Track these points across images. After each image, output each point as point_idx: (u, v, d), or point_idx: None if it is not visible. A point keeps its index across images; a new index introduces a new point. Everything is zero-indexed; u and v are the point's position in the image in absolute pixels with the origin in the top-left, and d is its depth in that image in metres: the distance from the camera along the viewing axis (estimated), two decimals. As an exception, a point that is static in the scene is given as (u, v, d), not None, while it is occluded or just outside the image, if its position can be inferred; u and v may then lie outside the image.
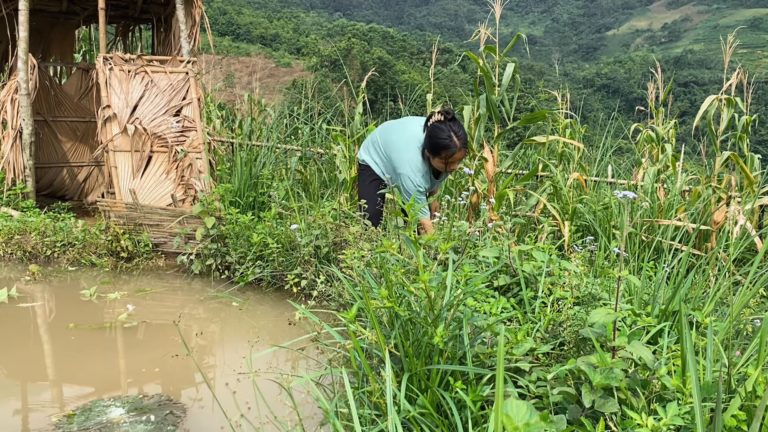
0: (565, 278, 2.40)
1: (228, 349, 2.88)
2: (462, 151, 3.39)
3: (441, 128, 3.35)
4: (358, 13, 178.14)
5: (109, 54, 4.84)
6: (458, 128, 3.38)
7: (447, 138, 3.33)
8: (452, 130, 3.34)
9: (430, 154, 3.42)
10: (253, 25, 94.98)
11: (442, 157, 3.39)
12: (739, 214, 3.75)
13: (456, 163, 3.48)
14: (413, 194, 3.49)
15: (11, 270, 3.92)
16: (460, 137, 3.37)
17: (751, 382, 1.41)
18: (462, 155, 3.42)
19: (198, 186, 4.42)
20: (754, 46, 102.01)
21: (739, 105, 4.39)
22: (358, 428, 1.39)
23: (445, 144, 3.34)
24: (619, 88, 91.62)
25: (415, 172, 3.48)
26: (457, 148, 3.36)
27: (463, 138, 3.40)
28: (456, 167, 3.54)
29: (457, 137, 3.35)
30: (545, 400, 1.59)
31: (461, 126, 3.43)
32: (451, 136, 3.33)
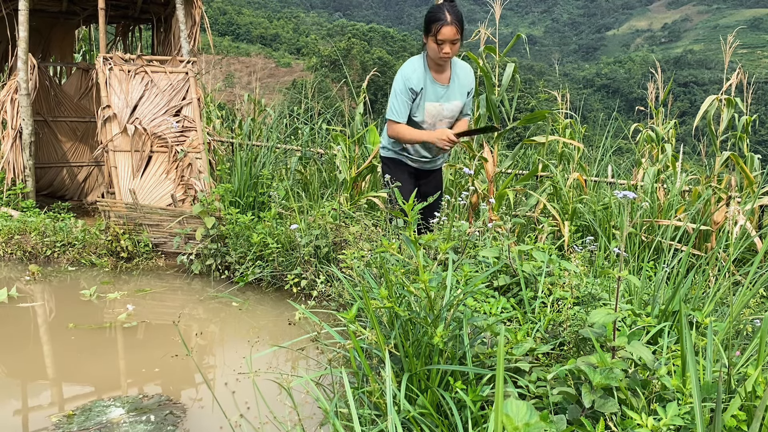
0: (565, 278, 2.40)
1: (228, 349, 2.88)
2: (452, 27, 3.28)
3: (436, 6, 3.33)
4: (358, 13, 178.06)
5: (109, 54, 4.84)
6: (451, 7, 3.32)
7: (438, 11, 3.29)
8: (446, 7, 3.30)
9: (425, 36, 3.40)
10: (253, 25, 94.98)
11: (432, 32, 3.31)
12: (739, 214, 3.75)
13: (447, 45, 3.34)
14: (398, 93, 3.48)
15: (11, 270, 3.92)
16: (452, 13, 3.30)
17: (751, 382, 1.41)
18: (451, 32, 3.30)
19: (198, 186, 4.42)
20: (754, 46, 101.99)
21: (739, 105, 4.39)
22: (358, 428, 1.39)
23: (435, 17, 3.29)
24: (619, 88, 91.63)
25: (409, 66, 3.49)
26: (446, 21, 3.27)
27: (456, 15, 3.32)
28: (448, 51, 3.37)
29: (449, 13, 3.29)
30: (545, 400, 1.59)
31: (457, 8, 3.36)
32: (442, 9, 3.28)
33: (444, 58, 3.43)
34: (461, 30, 3.37)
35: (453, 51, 3.41)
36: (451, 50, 3.40)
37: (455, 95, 3.61)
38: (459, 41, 3.39)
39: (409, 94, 3.51)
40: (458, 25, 3.32)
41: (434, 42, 3.35)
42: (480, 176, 4.62)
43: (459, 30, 3.34)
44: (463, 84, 3.62)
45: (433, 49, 3.40)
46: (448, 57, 3.42)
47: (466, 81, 3.63)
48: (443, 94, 3.58)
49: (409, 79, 3.50)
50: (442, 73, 3.57)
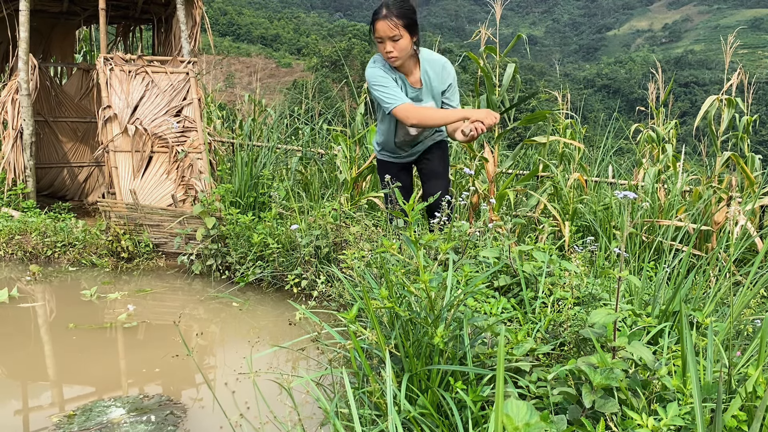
0: (566, 278, 2.40)
1: (228, 349, 2.88)
2: (386, 21, 2.88)
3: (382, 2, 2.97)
4: (358, 13, 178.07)
5: (109, 54, 4.85)
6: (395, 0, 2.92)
7: (378, 6, 2.93)
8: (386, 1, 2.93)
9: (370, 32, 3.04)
10: (254, 26, 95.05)
11: (371, 30, 2.97)
12: (739, 214, 3.75)
13: (386, 42, 2.94)
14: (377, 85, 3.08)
15: (12, 270, 3.92)
16: (390, 6, 2.90)
17: (751, 382, 1.40)
18: (386, 27, 2.90)
19: (198, 186, 4.42)
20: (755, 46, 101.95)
21: (740, 105, 4.39)
22: (359, 428, 1.39)
23: (374, 11, 2.94)
24: (620, 88, 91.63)
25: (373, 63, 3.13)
26: (379, 14, 2.90)
27: (396, 9, 2.89)
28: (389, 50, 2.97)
29: (387, 6, 2.90)
30: (545, 400, 1.59)
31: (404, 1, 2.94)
32: (382, 5, 2.91)
33: (390, 59, 3.02)
34: (405, 24, 2.93)
35: (397, 50, 2.98)
36: (395, 49, 2.97)
37: (428, 98, 3.24)
38: (403, 37, 2.96)
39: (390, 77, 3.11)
40: (396, 18, 2.89)
41: (377, 41, 2.98)
42: (480, 176, 4.62)
43: (400, 24, 2.90)
44: (435, 85, 3.21)
45: (379, 48, 3.03)
46: (393, 58, 3.02)
47: (438, 80, 3.20)
48: (414, 95, 3.22)
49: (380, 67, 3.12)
50: (409, 75, 3.20)
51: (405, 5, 2.97)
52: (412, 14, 3.00)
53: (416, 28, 3.05)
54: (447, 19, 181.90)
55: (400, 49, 3.00)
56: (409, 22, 2.98)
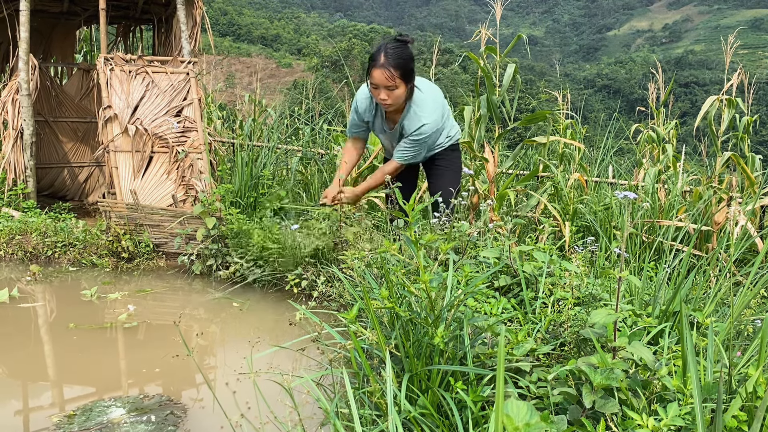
0: (566, 279, 2.40)
1: (229, 349, 2.88)
2: (383, 71, 2.85)
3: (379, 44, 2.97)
4: (358, 13, 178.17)
5: (110, 54, 4.85)
6: (394, 48, 2.87)
7: (376, 51, 2.91)
8: (387, 46, 2.89)
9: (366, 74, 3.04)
10: (254, 26, 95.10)
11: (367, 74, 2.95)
12: (740, 214, 3.75)
13: (381, 90, 2.94)
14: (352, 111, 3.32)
15: (12, 270, 3.92)
16: (389, 55, 2.86)
17: (751, 382, 1.40)
18: (382, 77, 2.88)
19: (199, 186, 4.43)
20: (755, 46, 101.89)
21: (740, 105, 4.39)
22: (359, 428, 1.39)
23: (371, 56, 2.91)
24: (620, 88, 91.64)
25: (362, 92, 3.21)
26: (377, 63, 2.86)
27: (393, 59, 2.85)
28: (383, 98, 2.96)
29: (386, 54, 2.86)
30: (546, 400, 1.59)
31: (401, 50, 2.89)
32: (380, 50, 2.89)
33: (383, 106, 3.02)
34: (402, 74, 2.89)
35: (392, 98, 2.97)
36: (389, 97, 2.96)
37: (396, 139, 3.34)
38: (399, 87, 2.93)
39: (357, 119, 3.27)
40: (393, 69, 2.86)
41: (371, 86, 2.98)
42: (481, 177, 4.62)
43: (396, 75, 2.87)
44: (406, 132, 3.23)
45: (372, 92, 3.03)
46: (386, 105, 3.00)
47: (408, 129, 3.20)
48: (389, 133, 3.30)
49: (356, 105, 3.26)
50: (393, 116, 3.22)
51: (404, 53, 2.92)
52: (410, 62, 2.95)
53: (412, 76, 3.00)
54: (447, 19, 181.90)
55: (395, 98, 3.00)
56: (406, 72, 2.94)
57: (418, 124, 3.15)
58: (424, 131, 3.16)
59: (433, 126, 3.18)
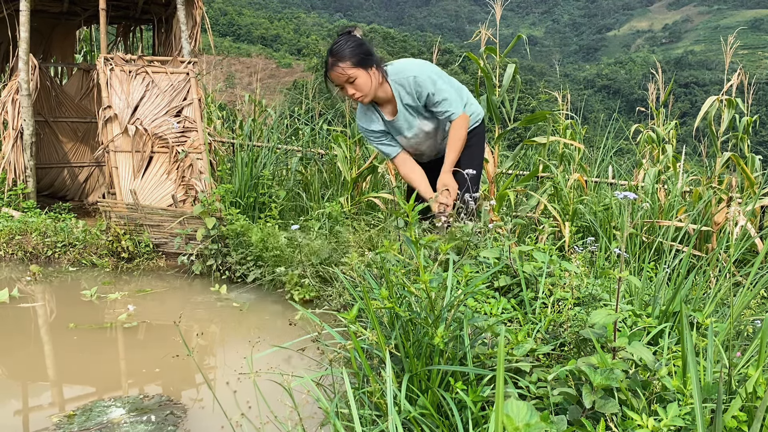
0: (566, 279, 2.40)
1: (228, 349, 2.88)
2: (333, 71, 2.85)
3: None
4: (358, 13, 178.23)
5: (110, 54, 4.85)
6: (339, 43, 2.86)
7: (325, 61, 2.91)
8: (331, 46, 2.89)
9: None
10: (254, 26, 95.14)
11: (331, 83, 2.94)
12: (739, 215, 3.75)
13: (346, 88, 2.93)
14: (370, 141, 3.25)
15: (12, 270, 3.92)
16: (333, 52, 2.85)
17: (751, 383, 1.41)
18: (335, 76, 2.88)
19: (199, 186, 4.43)
20: (755, 47, 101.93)
21: (740, 106, 4.39)
22: (359, 428, 1.39)
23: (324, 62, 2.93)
24: (620, 88, 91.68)
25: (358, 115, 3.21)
26: (327, 66, 2.87)
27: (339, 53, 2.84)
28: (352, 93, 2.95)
29: (331, 53, 2.85)
30: (546, 400, 1.59)
31: (346, 42, 2.87)
32: (328, 53, 2.89)
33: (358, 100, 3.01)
34: (355, 63, 2.88)
35: (359, 89, 2.95)
36: (356, 90, 2.94)
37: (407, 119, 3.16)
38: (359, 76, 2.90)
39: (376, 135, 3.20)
40: (341, 63, 2.86)
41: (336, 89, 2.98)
42: (481, 177, 4.62)
43: (346, 66, 2.87)
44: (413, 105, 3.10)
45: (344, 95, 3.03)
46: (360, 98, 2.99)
47: (412, 99, 3.09)
48: (399, 126, 3.20)
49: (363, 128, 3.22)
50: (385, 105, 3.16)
51: (347, 44, 2.90)
52: (358, 48, 2.92)
53: (370, 59, 2.96)
54: (447, 20, 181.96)
55: (362, 87, 2.96)
56: (359, 59, 2.91)
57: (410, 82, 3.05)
58: (421, 81, 3.04)
59: (423, 72, 3.06)
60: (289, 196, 5.20)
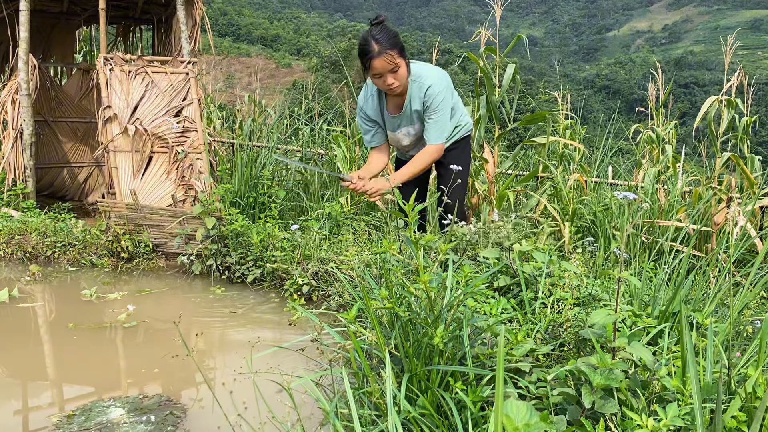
0: (566, 279, 2.40)
1: (228, 349, 2.88)
2: (382, 58, 2.89)
3: (363, 36, 2.95)
4: (358, 14, 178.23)
5: (109, 54, 4.85)
6: (379, 31, 2.90)
7: (364, 43, 2.92)
8: (371, 34, 2.90)
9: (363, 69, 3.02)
10: (254, 26, 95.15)
11: (367, 68, 2.95)
12: (739, 215, 3.75)
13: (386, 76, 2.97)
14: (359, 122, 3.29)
15: (12, 270, 3.92)
16: (379, 40, 2.88)
17: (751, 383, 1.40)
18: (383, 63, 2.92)
19: (198, 186, 4.43)
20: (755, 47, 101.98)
21: (740, 106, 4.39)
22: (358, 428, 1.39)
23: (363, 50, 2.92)
24: (620, 89, 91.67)
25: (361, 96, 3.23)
26: (373, 53, 2.88)
27: (386, 40, 2.89)
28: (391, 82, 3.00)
29: (375, 41, 2.88)
30: (545, 400, 1.59)
31: (387, 30, 2.92)
32: (368, 40, 2.90)
33: (392, 90, 3.07)
34: (399, 52, 2.95)
35: (398, 79, 3.01)
36: (396, 80, 3.00)
37: (410, 121, 3.25)
38: (400, 66, 2.98)
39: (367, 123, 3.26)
40: (390, 51, 2.91)
41: (371, 76, 3.00)
42: (480, 177, 4.62)
43: (395, 55, 2.93)
44: (417, 109, 3.20)
45: (375, 83, 3.06)
46: (395, 88, 3.04)
47: (419, 104, 3.19)
48: (397, 123, 3.27)
49: (361, 108, 3.27)
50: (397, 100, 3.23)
51: (390, 32, 2.94)
52: (398, 37, 2.98)
53: (405, 50, 3.04)
54: (447, 20, 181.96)
55: (401, 77, 3.03)
56: (400, 47, 2.97)
57: (424, 89, 3.14)
58: (432, 93, 3.13)
59: (439, 85, 3.15)
60: (289, 196, 5.20)
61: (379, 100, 3.27)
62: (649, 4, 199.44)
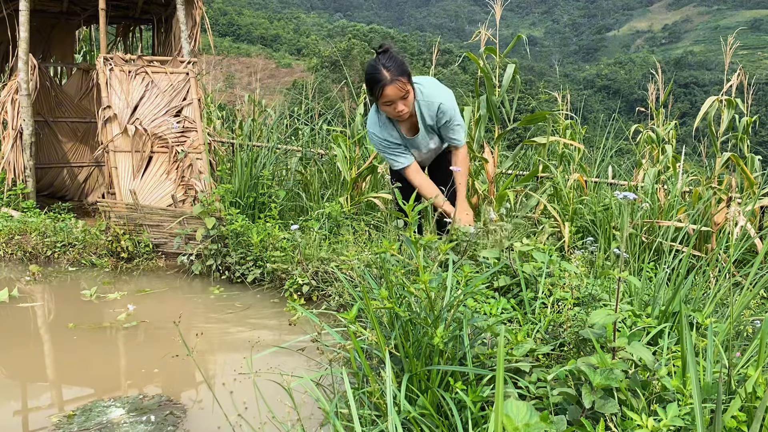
0: (566, 279, 2.40)
1: (228, 349, 2.88)
2: (394, 85, 2.92)
3: (370, 64, 2.97)
4: (358, 14, 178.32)
5: (109, 54, 4.85)
6: (388, 59, 2.92)
7: (374, 71, 2.93)
8: (380, 62, 2.92)
9: (371, 98, 3.05)
10: (254, 26, 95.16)
11: (377, 96, 2.97)
12: (739, 215, 3.75)
13: (397, 103, 2.99)
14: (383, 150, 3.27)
15: (11, 270, 3.92)
16: (389, 68, 2.91)
17: (751, 383, 1.40)
18: (395, 90, 2.94)
19: (198, 186, 4.42)
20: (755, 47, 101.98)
21: (740, 106, 4.39)
22: (359, 429, 1.39)
23: (373, 78, 2.94)
24: (620, 89, 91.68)
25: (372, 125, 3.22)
26: (386, 81, 2.90)
27: (396, 69, 2.92)
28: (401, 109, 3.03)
29: (386, 68, 2.90)
30: (545, 400, 1.59)
31: (395, 57, 2.95)
32: (378, 68, 2.92)
33: (401, 116, 3.09)
34: (408, 78, 2.99)
35: (408, 105, 3.04)
36: (405, 106, 3.03)
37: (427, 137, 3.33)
38: (410, 93, 3.02)
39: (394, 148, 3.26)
40: (401, 78, 2.94)
41: (382, 104, 3.02)
42: (480, 177, 4.62)
43: (405, 81, 2.96)
44: (431, 125, 3.27)
45: (386, 110, 3.08)
46: (404, 114, 3.07)
47: (433, 121, 3.26)
48: (416, 143, 3.33)
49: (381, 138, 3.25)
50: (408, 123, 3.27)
51: (398, 58, 2.97)
52: (407, 65, 3.03)
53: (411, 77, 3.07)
54: (447, 20, 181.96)
55: (410, 104, 3.08)
56: (409, 75, 3.01)
57: (435, 108, 3.21)
58: (445, 109, 3.21)
59: (447, 98, 3.23)
60: (289, 196, 5.20)
61: (392, 124, 3.27)
62: (649, 4, 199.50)
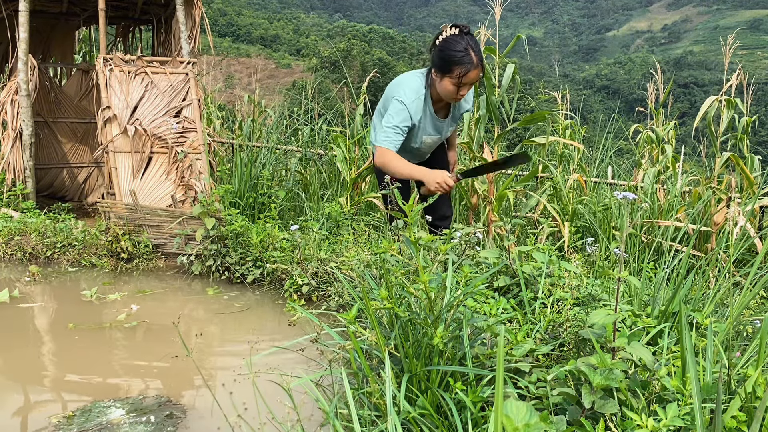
0: (565, 279, 2.40)
1: (228, 349, 2.88)
2: (477, 70, 2.91)
3: (456, 41, 2.88)
4: (358, 14, 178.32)
5: (109, 55, 4.85)
6: (476, 44, 2.91)
7: (462, 51, 2.86)
8: (469, 44, 2.88)
9: (440, 73, 2.95)
10: (254, 26, 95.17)
11: (454, 75, 2.90)
12: (739, 215, 3.75)
13: (468, 87, 2.99)
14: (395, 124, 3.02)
15: (11, 271, 3.92)
16: (477, 53, 2.89)
17: (751, 383, 1.41)
18: (477, 76, 2.94)
19: (198, 187, 4.42)
20: (754, 47, 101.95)
21: (739, 106, 4.39)
22: (358, 429, 1.39)
23: (459, 58, 2.86)
24: (619, 89, 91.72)
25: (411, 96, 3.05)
26: (473, 65, 2.88)
27: (481, 56, 2.93)
28: (464, 95, 3.03)
29: (474, 53, 2.88)
30: (545, 401, 1.59)
31: (479, 43, 2.96)
32: (467, 50, 2.86)
33: (458, 101, 3.09)
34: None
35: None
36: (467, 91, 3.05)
37: (449, 126, 3.34)
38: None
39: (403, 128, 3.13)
40: (482, 66, 2.96)
41: (454, 84, 2.96)
42: (480, 177, 4.62)
43: (483, 71, 2.99)
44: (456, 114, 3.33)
45: (449, 90, 2.99)
46: (460, 99, 3.08)
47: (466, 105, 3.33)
48: (441, 127, 3.30)
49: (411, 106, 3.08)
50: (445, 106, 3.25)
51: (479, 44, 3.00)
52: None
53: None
54: (446, 20, 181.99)
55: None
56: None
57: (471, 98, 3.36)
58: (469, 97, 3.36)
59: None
60: (289, 197, 5.20)
61: (425, 105, 3.19)
62: (649, 4, 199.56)
